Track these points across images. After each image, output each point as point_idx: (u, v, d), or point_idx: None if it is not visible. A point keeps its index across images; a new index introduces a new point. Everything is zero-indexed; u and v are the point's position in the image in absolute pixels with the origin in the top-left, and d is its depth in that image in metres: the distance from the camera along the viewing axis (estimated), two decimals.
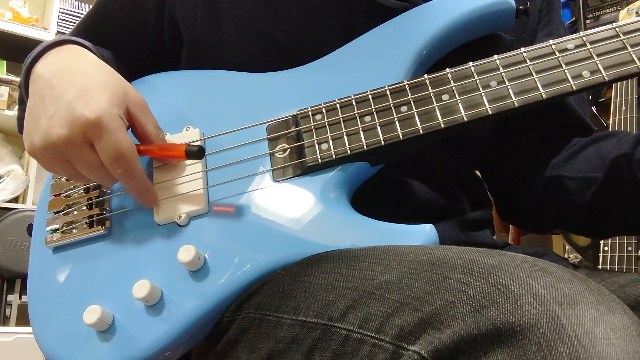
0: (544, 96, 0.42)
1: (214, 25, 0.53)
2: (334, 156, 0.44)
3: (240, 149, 0.47)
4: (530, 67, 0.43)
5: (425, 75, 0.45)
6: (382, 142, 0.44)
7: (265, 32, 0.52)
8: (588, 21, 1.44)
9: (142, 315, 0.41)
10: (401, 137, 0.44)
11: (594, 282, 0.29)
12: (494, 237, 0.59)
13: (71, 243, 0.47)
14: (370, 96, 0.45)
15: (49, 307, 0.45)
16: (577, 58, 0.43)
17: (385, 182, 0.49)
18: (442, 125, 0.43)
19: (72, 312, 0.43)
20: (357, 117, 0.45)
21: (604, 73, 0.42)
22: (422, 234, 0.40)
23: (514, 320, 0.25)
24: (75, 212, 0.48)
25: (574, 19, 1.48)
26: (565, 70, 0.43)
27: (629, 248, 1.12)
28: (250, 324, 0.40)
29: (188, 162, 0.47)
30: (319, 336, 0.34)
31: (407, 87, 0.45)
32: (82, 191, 0.48)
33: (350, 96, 0.46)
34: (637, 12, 1.10)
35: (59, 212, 0.48)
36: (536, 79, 0.43)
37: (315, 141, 0.45)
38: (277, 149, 0.46)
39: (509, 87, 0.43)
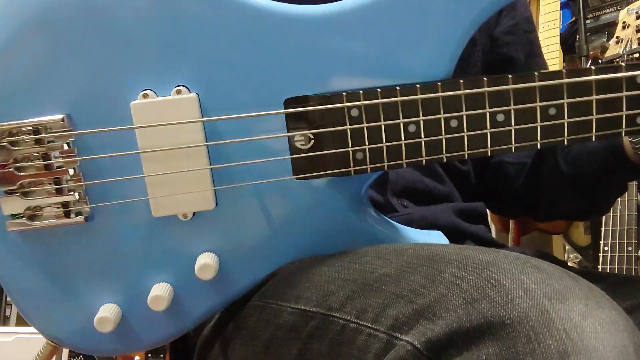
0: (594, 138, 0.39)
1: None
2: (368, 170, 0.39)
3: (252, 124, 0.38)
4: (595, 100, 0.39)
5: (485, 81, 0.38)
6: (424, 162, 0.39)
7: None
8: (588, 21, 1.43)
9: (148, 314, 0.39)
10: (445, 159, 0.39)
11: (585, 280, 0.29)
12: (494, 237, 0.61)
13: (41, 230, 0.37)
14: (420, 101, 0.38)
15: (41, 301, 0.39)
16: None
17: None
18: (489, 153, 0.39)
19: (80, 306, 0.39)
20: (402, 126, 0.38)
21: None
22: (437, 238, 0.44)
23: (505, 314, 0.26)
24: (41, 196, 0.37)
25: (574, 19, 1.46)
26: (625, 115, 0.39)
27: (629, 248, 1.11)
28: (253, 311, 0.41)
29: (186, 140, 0.37)
30: (318, 325, 0.35)
31: (462, 97, 0.38)
32: (43, 167, 0.36)
33: (396, 90, 0.37)
34: (637, 12, 1.10)
35: (13, 191, 0.37)
36: (594, 119, 0.39)
37: (350, 151, 0.38)
38: (298, 136, 0.38)
39: (566, 123, 0.39)
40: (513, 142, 0.39)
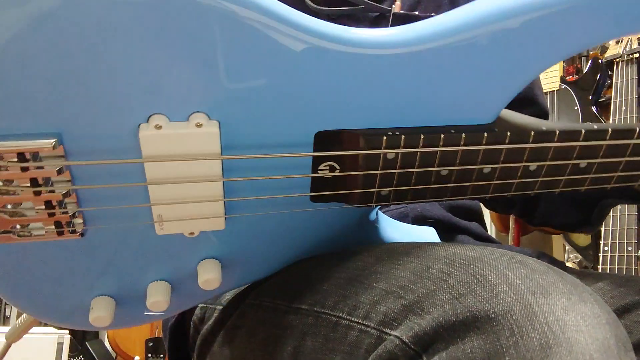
0: (609, 189, 0.40)
1: None
2: (389, 203, 0.37)
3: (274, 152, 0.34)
4: (625, 160, 0.38)
5: (531, 135, 0.35)
6: (445, 200, 0.38)
7: None
8: None
9: (144, 308, 0.38)
10: (465, 199, 0.38)
11: (570, 275, 0.30)
12: (495, 236, 0.64)
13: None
14: (460, 153, 0.35)
15: (33, 297, 0.36)
16: None
17: None
18: (509, 195, 0.39)
19: (74, 301, 0.37)
20: (434, 173, 0.35)
21: None
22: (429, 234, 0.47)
23: (489, 308, 0.27)
24: (29, 214, 0.31)
25: None
26: None
27: (629, 248, 1.10)
28: (250, 310, 0.42)
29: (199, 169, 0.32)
30: (312, 323, 0.36)
31: (504, 151, 0.36)
32: (30, 190, 0.30)
33: (440, 138, 0.33)
34: None
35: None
36: (616, 176, 0.39)
37: (376, 191, 0.35)
38: (322, 166, 0.35)
39: (590, 177, 0.39)
40: (535, 189, 0.39)
